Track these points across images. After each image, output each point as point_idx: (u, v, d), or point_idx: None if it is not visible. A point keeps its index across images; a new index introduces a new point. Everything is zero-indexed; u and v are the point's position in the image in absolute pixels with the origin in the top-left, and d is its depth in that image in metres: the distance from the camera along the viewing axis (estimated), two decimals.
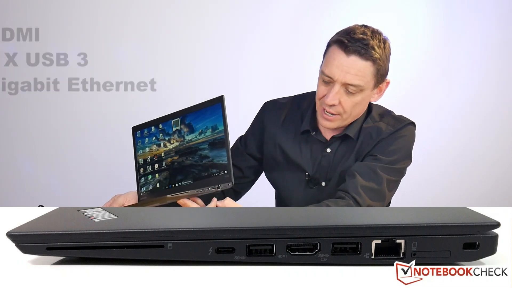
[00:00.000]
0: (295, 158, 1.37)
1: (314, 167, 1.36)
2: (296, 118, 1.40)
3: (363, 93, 1.27)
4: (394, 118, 1.35)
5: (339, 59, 1.24)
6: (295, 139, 1.38)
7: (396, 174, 1.30)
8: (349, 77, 1.23)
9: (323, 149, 1.35)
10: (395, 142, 1.30)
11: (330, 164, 1.34)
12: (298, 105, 1.42)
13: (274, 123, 1.41)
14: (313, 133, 1.36)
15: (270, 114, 1.43)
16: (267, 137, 1.42)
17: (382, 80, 1.29)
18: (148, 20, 2.12)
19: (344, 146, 1.34)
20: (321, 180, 1.36)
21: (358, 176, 1.25)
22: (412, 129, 1.34)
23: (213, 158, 1.11)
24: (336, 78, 1.24)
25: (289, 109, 1.42)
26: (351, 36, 1.24)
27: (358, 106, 1.28)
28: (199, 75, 2.19)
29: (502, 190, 2.31)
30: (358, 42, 1.23)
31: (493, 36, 2.29)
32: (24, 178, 2.27)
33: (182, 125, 1.18)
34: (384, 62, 1.26)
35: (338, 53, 1.24)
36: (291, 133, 1.39)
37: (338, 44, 1.25)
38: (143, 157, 1.23)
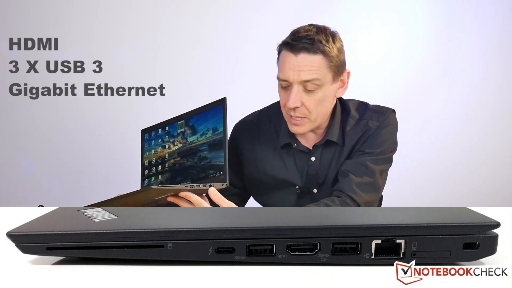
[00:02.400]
0: (281, 173, 1.34)
1: (302, 178, 1.34)
2: (270, 133, 1.37)
3: (323, 89, 1.25)
4: (375, 111, 1.33)
5: (289, 60, 1.24)
6: (275, 155, 1.35)
7: (386, 162, 1.31)
8: (303, 74, 1.23)
9: (308, 158, 1.33)
10: (381, 133, 1.30)
11: (318, 172, 1.32)
12: (268, 118, 1.39)
13: (249, 144, 1.38)
14: (295, 145, 1.33)
15: (242, 136, 1.39)
16: (246, 161, 1.38)
17: (341, 72, 1.28)
18: (157, 30, 2.26)
19: (328, 152, 1.32)
20: (312, 188, 1.34)
21: (350, 174, 1.25)
22: (394, 115, 1.34)
23: (211, 159, 1.11)
24: (292, 79, 1.24)
25: (259, 125, 1.39)
26: (296, 36, 1.25)
27: (322, 103, 1.26)
28: (206, 79, 2.26)
29: (502, 190, 2.31)
30: (303, 39, 1.23)
31: (493, 36, 2.29)
32: (24, 178, 2.29)
33: (186, 127, 1.18)
34: (336, 54, 1.25)
35: (287, 55, 1.24)
36: (269, 149, 1.36)
37: (285, 47, 1.25)
38: (149, 159, 1.23)
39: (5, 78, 2.18)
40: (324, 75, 1.24)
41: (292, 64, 1.23)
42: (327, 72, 1.24)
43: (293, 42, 1.24)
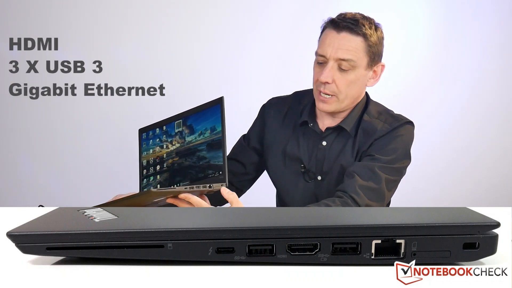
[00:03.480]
0: (293, 151, 1.38)
1: (310, 159, 1.36)
2: (296, 113, 1.41)
3: (357, 71, 1.28)
4: (392, 116, 1.35)
5: (331, 37, 1.28)
6: (294, 133, 1.39)
7: (394, 173, 1.29)
8: (341, 52, 1.26)
9: (319, 141, 1.36)
10: (393, 141, 1.30)
11: (325, 158, 1.35)
12: (299, 100, 1.43)
13: (275, 118, 1.42)
14: (311, 124, 1.36)
15: (271, 110, 1.44)
16: (268, 132, 1.43)
17: (376, 61, 1.31)
18: (157, 30, 2.27)
19: (340, 140, 1.34)
20: (317, 174, 1.36)
21: (356, 176, 1.25)
22: (410, 128, 1.34)
23: (210, 159, 1.11)
24: (329, 55, 1.27)
25: (290, 105, 1.43)
26: (342, 16, 1.30)
27: (352, 85, 1.29)
28: (206, 79, 2.27)
29: (502, 190, 2.31)
30: (348, 19, 1.28)
31: (493, 36, 2.29)
32: (24, 178, 2.29)
33: (183, 127, 1.18)
34: (376, 42, 1.29)
35: (330, 32, 1.29)
36: (290, 127, 1.40)
37: (330, 24, 1.30)
38: (147, 158, 1.23)
39: (5, 78, 2.18)
40: (360, 58, 1.27)
41: (332, 40, 1.27)
42: (363, 56, 1.28)
43: (338, 20, 1.28)
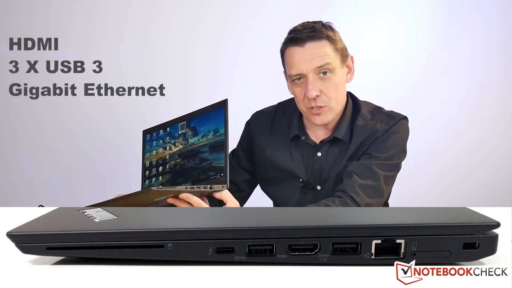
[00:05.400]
0: (287, 165, 1.36)
1: (307, 172, 1.35)
2: (283, 125, 1.39)
3: (336, 72, 1.28)
4: (386, 114, 1.34)
5: (298, 53, 1.26)
6: (285, 146, 1.37)
7: (392, 169, 1.30)
8: (315, 61, 1.25)
9: (314, 153, 1.34)
10: (390, 138, 1.30)
11: (322, 168, 1.34)
12: (283, 111, 1.41)
13: (262, 133, 1.40)
14: (303, 138, 1.35)
15: (256, 125, 1.42)
16: (256, 149, 1.41)
17: (346, 57, 1.31)
18: (157, 30, 2.27)
19: (335, 149, 1.33)
20: (316, 184, 1.35)
21: (354, 175, 1.25)
22: (405, 123, 1.34)
23: (212, 161, 1.11)
24: (305, 71, 1.26)
25: (275, 117, 1.41)
26: (296, 30, 1.28)
27: (338, 88, 1.29)
28: (206, 79, 2.27)
29: (502, 190, 2.31)
30: (304, 30, 1.27)
31: (493, 36, 2.29)
32: (24, 178, 2.29)
33: (187, 128, 1.18)
34: (338, 38, 1.29)
35: (294, 50, 1.27)
36: (280, 140, 1.38)
37: (289, 44, 1.28)
38: (150, 159, 1.23)
39: (5, 78, 2.18)
40: (334, 59, 1.27)
41: (301, 56, 1.26)
42: (335, 56, 1.28)
43: (297, 35, 1.27)
